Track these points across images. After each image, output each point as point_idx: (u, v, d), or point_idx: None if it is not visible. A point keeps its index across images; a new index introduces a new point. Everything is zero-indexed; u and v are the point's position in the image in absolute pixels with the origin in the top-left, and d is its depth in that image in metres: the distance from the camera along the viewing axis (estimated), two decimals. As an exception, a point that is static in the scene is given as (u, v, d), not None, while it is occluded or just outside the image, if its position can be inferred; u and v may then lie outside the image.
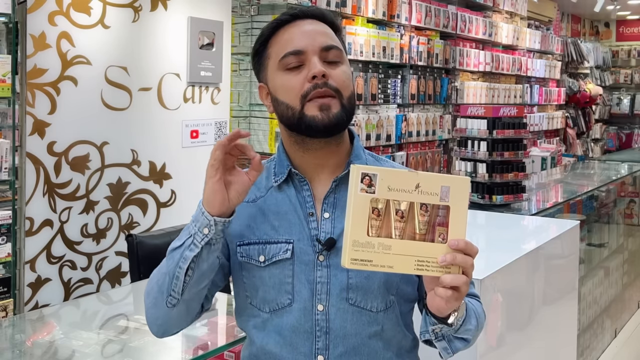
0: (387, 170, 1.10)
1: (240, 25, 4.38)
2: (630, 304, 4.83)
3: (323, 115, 1.23)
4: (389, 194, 1.09)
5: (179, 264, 1.20)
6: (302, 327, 1.27)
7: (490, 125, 3.60)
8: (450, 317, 1.18)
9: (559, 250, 2.78)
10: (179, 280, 1.20)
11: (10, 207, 2.87)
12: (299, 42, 1.27)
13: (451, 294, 1.10)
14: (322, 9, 1.35)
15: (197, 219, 1.20)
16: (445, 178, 1.11)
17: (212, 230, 1.19)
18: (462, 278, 1.10)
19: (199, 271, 1.21)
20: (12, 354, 1.98)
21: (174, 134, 3.66)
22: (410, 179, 1.10)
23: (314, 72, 1.23)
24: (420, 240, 1.10)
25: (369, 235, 1.08)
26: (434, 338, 1.23)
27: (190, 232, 1.20)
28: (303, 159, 1.31)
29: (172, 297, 1.22)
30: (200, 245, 1.19)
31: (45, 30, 3.07)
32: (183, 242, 1.21)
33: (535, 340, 2.51)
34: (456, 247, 1.10)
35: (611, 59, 11.59)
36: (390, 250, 1.09)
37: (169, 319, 1.27)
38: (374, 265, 1.09)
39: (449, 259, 1.09)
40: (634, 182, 5.19)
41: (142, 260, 2.71)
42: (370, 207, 1.08)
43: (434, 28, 6.02)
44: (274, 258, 1.27)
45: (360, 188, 1.08)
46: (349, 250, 1.08)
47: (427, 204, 1.10)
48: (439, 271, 1.10)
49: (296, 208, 1.29)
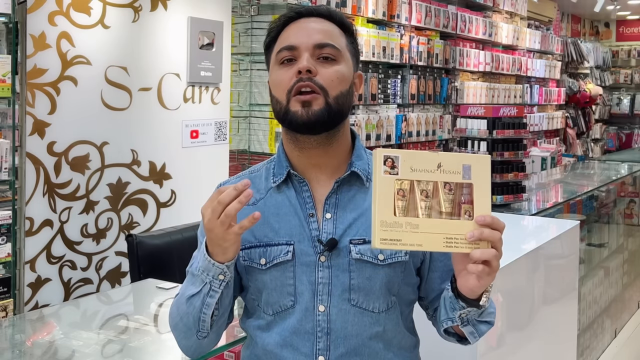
0: (409, 152, 1.12)
1: (240, 25, 4.38)
2: (630, 304, 4.83)
3: (303, 111, 1.23)
4: (412, 174, 1.11)
5: (202, 311, 1.24)
6: (303, 328, 1.27)
7: (490, 125, 3.60)
8: (482, 297, 1.18)
9: (559, 250, 2.78)
10: (206, 322, 1.25)
11: (10, 207, 2.87)
12: (295, 38, 1.27)
13: (482, 269, 1.11)
14: (332, 9, 1.35)
15: (208, 269, 1.21)
16: (466, 157, 1.13)
17: (227, 275, 1.22)
18: (491, 252, 1.11)
19: (222, 307, 1.26)
20: (12, 354, 1.98)
21: (174, 134, 3.66)
22: (432, 159, 1.12)
23: (299, 67, 1.24)
24: (447, 218, 1.11)
25: (396, 216, 1.10)
26: (460, 323, 1.23)
27: (204, 281, 1.22)
28: (300, 159, 1.31)
29: (202, 332, 1.27)
30: (220, 290, 1.22)
31: (45, 30, 3.07)
32: (199, 289, 1.23)
33: (535, 340, 2.51)
34: (483, 222, 1.11)
35: (611, 59, 11.59)
36: (418, 229, 1.10)
37: (202, 346, 1.32)
38: (403, 244, 1.10)
39: (477, 235, 1.10)
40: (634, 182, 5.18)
41: (142, 260, 2.71)
42: (395, 188, 1.10)
43: (434, 28, 6.02)
44: (275, 260, 1.27)
45: (384, 170, 1.10)
46: (377, 230, 1.09)
47: (451, 182, 1.11)
48: (468, 247, 1.11)
49: (296, 209, 1.29)
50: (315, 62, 1.25)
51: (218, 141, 3.91)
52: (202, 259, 1.21)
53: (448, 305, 1.24)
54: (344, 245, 1.27)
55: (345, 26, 1.34)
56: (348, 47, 1.32)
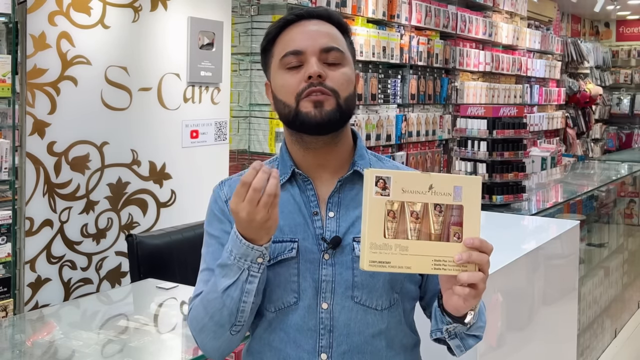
0: (401, 172, 1.12)
1: (240, 25, 4.38)
2: (630, 304, 4.83)
3: (316, 111, 1.24)
4: (404, 196, 1.10)
5: (242, 300, 1.21)
6: (306, 325, 1.28)
7: (490, 125, 3.60)
8: (467, 316, 1.19)
9: (559, 250, 2.78)
10: (245, 312, 1.23)
11: (10, 207, 2.87)
12: (300, 43, 1.28)
13: (469, 292, 1.12)
14: (330, 10, 1.36)
15: (246, 255, 1.19)
16: (458, 178, 1.13)
17: (266, 257, 1.20)
18: (479, 275, 1.12)
19: (259, 294, 1.25)
20: (12, 354, 1.98)
21: (174, 134, 3.66)
22: (424, 180, 1.11)
23: (309, 72, 1.24)
24: (436, 240, 1.11)
25: (385, 237, 1.09)
26: (447, 337, 1.24)
27: (241, 267, 1.20)
28: (304, 159, 1.32)
29: (237, 325, 1.25)
30: (259, 275, 1.21)
31: (45, 30, 3.07)
32: (236, 278, 1.20)
33: (535, 340, 2.51)
34: (472, 245, 1.11)
35: (611, 59, 11.59)
36: (407, 251, 1.10)
37: (231, 343, 1.29)
38: (392, 266, 1.10)
39: (465, 257, 1.11)
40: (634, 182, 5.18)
41: (142, 260, 2.71)
42: (386, 210, 1.09)
43: (434, 28, 6.02)
44: (279, 257, 1.28)
45: (375, 191, 1.09)
46: (367, 252, 1.09)
47: (441, 204, 1.11)
48: (455, 270, 1.11)
49: (300, 207, 1.30)
50: (322, 66, 1.26)
51: (218, 141, 3.91)
52: (237, 246, 1.18)
53: (438, 317, 1.25)
54: (347, 243, 1.28)
55: (343, 27, 1.35)
56: (348, 47, 1.33)
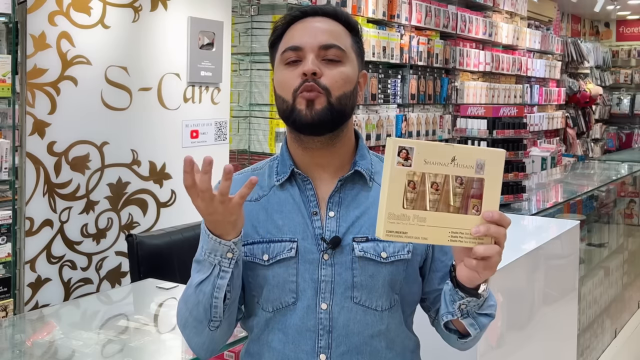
0: (424, 143, 1.09)
1: (240, 25, 4.38)
2: (630, 304, 4.83)
3: (307, 111, 1.24)
4: (425, 167, 1.08)
5: (213, 295, 1.22)
6: (305, 326, 1.27)
7: (490, 125, 3.60)
8: (480, 286, 1.18)
9: (559, 250, 2.78)
10: (218, 308, 1.23)
11: (10, 207, 2.87)
12: (299, 39, 1.27)
13: (482, 264, 1.11)
14: (337, 9, 1.34)
15: (215, 250, 1.20)
16: (481, 151, 1.11)
17: (235, 252, 1.20)
18: (495, 248, 1.10)
19: (234, 290, 1.24)
20: (12, 354, 1.98)
21: (174, 134, 3.66)
22: (447, 152, 1.09)
23: (304, 69, 1.24)
24: (454, 212, 1.10)
25: (404, 208, 1.08)
26: (460, 315, 1.22)
27: (212, 263, 1.20)
28: (303, 158, 1.31)
29: (214, 321, 1.25)
30: (230, 270, 1.21)
31: (45, 30, 3.07)
32: (209, 274, 1.21)
33: (535, 340, 2.51)
34: (490, 218, 1.10)
35: (611, 59, 11.59)
36: (425, 222, 1.09)
37: (215, 340, 1.30)
38: (408, 236, 1.08)
39: (483, 230, 1.09)
40: (634, 182, 5.18)
41: (142, 260, 2.71)
42: (406, 180, 1.08)
43: (434, 28, 6.02)
44: (278, 257, 1.28)
45: (397, 161, 1.07)
46: (384, 222, 1.07)
47: (462, 176, 1.10)
48: (472, 242, 1.10)
49: (300, 207, 1.29)
50: (320, 63, 1.26)
51: (218, 141, 3.91)
52: (206, 241, 1.20)
53: (448, 298, 1.23)
54: (347, 243, 1.27)
55: (351, 25, 1.33)
56: (353, 47, 1.32)
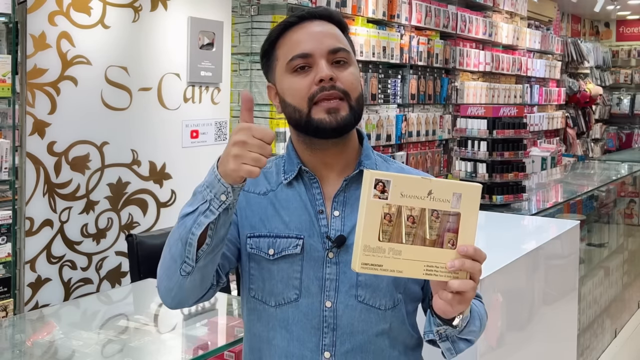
0: (401, 176, 1.09)
1: (240, 25, 4.38)
2: (630, 304, 4.83)
3: (331, 118, 1.24)
4: (402, 200, 1.08)
5: (191, 230, 1.16)
6: (310, 323, 1.28)
7: (490, 125, 3.60)
8: (455, 319, 1.19)
9: (559, 250, 2.78)
10: (192, 247, 1.16)
11: (10, 207, 2.87)
12: (307, 45, 1.27)
13: (453, 298, 1.11)
14: (330, 9, 1.35)
15: (212, 185, 1.14)
16: (458, 185, 1.11)
17: (230, 197, 1.15)
18: (469, 283, 1.11)
19: (217, 237, 1.18)
20: (12, 354, 1.99)
21: (174, 134, 3.66)
22: (423, 185, 1.10)
23: (321, 75, 1.24)
24: (429, 246, 1.10)
25: (380, 240, 1.08)
26: (438, 339, 1.24)
27: (205, 198, 1.15)
28: (311, 158, 1.32)
29: (187, 264, 1.18)
30: (217, 212, 1.15)
31: (45, 30, 3.07)
32: (196, 207, 1.16)
33: (535, 340, 2.51)
34: (465, 253, 1.11)
35: (611, 59, 11.59)
36: (400, 255, 1.09)
37: (183, 289, 1.23)
38: (384, 269, 1.09)
39: (458, 265, 1.10)
40: (634, 182, 5.18)
41: (142, 260, 2.72)
42: (383, 213, 1.08)
43: (434, 28, 6.02)
44: (283, 252, 1.28)
45: (374, 194, 1.08)
46: (360, 254, 1.08)
47: (439, 210, 1.10)
48: (447, 276, 1.11)
49: (306, 205, 1.30)
50: (331, 68, 1.26)
51: (218, 141, 3.91)
52: (210, 174, 1.16)
53: (430, 318, 1.25)
54: (352, 242, 1.27)
55: (343, 25, 1.35)
56: (349, 45, 1.33)
